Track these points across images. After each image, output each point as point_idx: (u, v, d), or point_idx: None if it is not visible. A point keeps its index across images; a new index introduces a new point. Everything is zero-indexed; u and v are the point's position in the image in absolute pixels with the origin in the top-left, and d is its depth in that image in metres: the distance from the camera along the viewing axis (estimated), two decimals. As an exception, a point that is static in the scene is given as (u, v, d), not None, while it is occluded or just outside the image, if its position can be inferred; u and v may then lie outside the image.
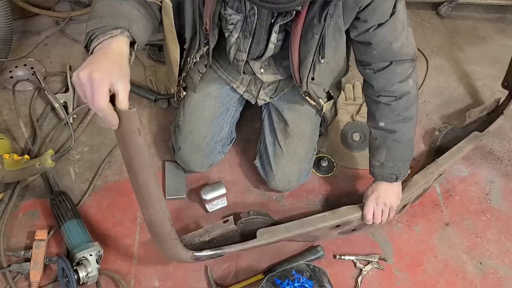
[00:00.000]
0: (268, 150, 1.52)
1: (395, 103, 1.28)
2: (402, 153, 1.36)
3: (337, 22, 1.16)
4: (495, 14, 2.27)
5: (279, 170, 1.49)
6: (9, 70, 1.81)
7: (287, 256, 1.47)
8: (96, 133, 1.70)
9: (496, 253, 1.53)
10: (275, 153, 1.50)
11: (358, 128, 1.74)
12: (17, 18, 1.89)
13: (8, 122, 1.68)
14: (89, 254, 1.32)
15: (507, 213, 1.62)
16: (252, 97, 1.51)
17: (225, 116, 1.54)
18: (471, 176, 1.70)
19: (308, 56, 1.22)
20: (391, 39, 1.20)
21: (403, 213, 1.54)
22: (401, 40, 1.21)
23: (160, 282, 1.41)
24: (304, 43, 1.20)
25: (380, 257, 1.48)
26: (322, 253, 1.46)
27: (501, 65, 2.05)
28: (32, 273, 1.32)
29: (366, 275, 1.45)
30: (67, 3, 2.04)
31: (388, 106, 1.29)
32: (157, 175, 0.86)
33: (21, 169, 1.45)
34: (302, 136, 1.49)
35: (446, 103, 1.91)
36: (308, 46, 1.20)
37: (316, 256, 1.45)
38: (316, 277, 1.30)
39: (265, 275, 1.37)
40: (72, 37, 1.96)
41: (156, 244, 1.24)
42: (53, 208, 1.43)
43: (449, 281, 1.47)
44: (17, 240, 1.43)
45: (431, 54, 2.07)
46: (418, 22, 2.20)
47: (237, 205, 1.57)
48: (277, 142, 1.50)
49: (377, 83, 1.28)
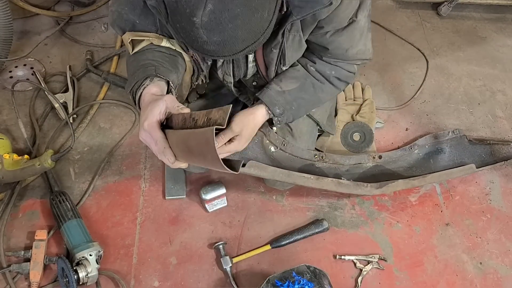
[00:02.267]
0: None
1: (339, 67, 1.28)
2: (307, 100, 1.31)
3: (296, 36, 1.18)
4: (495, 14, 2.27)
5: (278, 169, 1.48)
6: (9, 70, 1.81)
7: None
8: (96, 133, 1.70)
9: (496, 253, 1.53)
10: None
11: (358, 128, 1.74)
12: (17, 18, 1.89)
13: (8, 122, 1.68)
14: (89, 254, 1.32)
15: (507, 213, 1.62)
16: (249, 99, 1.51)
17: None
18: (471, 176, 1.70)
19: (271, 66, 1.26)
20: (347, 46, 1.22)
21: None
22: (358, 47, 1.24)
23: (160, 282, 1.41)
24: (265, 55, 1.23)
25: (380, 257, 1.48)
26: (327, 226, 1.48)
27: (501, 65, 2.05)
28: (32, 273, 1.32)
29: (366, 275, 1.45)
30: (67, 3, 2.04)
31: (332, 65, 1.28)
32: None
33: (21, 169, 1.45)
34: (300, 135, 1.49)
35: (446, 103, 1.91)
36: (269, 58, 1.24)
37: (321, 229, 1.47)
38: (316, 279, 1.30)
39: (271, 245, 1.46)
40: (72, 37, 1.96)
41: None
42: (53, 208, 1.43)
43: (449, 281, 1.47)
44: (17, 240, 1.43)
45: (431, 54, 2.07)
46: (418, 22, 2.20)
47: (237, 205, 1.57)
48: None
49: (319, 65, 1.29)
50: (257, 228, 1.53)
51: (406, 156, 1.66)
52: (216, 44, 0.94)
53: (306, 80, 1.30)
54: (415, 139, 1.71)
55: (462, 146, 1.67)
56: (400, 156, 1.65)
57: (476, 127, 1.84)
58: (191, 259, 1.46)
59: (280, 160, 1.47)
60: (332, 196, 1.61)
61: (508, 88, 1.97)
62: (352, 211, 1.59)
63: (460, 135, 1.68)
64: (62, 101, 1.70)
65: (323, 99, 1.36)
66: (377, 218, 1.58)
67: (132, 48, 1.19)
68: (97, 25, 2.01)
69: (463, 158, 1.65)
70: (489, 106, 1.91)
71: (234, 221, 1.54)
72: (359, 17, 1.17)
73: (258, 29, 0.96)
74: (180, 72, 1.23)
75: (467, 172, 1.59)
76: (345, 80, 1.33)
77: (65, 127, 1.67)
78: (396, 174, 1.62)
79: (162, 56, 1.18)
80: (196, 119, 0.99)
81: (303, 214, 1.56)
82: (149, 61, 1.15)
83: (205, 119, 0.98)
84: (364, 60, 1.30)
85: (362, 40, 1.23)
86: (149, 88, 1.08)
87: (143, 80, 1.10)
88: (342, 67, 1.29)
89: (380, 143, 1.76)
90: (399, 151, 1.66)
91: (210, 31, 0.91)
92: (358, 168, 1.60)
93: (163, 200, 1.56)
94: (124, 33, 1.19)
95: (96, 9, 2.01)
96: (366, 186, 1.48)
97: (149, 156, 1.65)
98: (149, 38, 1.18)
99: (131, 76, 1.14)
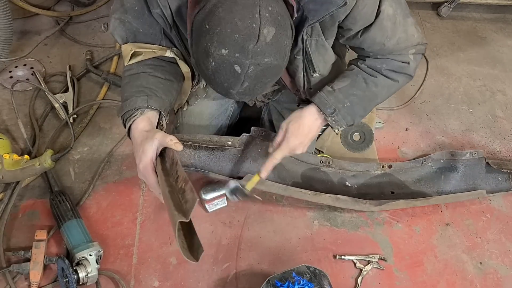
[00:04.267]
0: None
1: (390, 59, 1.22)
2: (360, 97, 1.25)
3: (318, 40, 1.17)
4: (495, 14, 2.27)
5: (279, 170, 1.48)
6: (9, 70, 1.81)
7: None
8: (96, 133, 1.70)
9: (496, 253, 1.53)
10: None
11: (358, 128, 1.74)
12: (17, 18, 1.89)
13: (8, 122, 1.68)
14: (88, 254, 1.32)
15: (507, 213, 1.62)
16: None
17: (223, 117, 1.54)
18: (471, 176, 1.70)
19: (297, 73, 1.25)
20: (383, 39, 1.17)
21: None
22: (396, 37, 1.18)
23: (160, 282, 1.41)
24: (289, 63, 1.17)
25: (380, 257, 1.48)
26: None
27: (501, 65, 2.05)
28: (32, 273, 1.32)
29: (366, 275, 1.45)
30: (67, 3, 2.04)
31: (381, 59, 1.23)
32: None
33: (21, 169, 1.45)
34: None
35: (446, 103, 1.91)
36: (293, 66, 1.22)
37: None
38: (316, 279, 1.30)
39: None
40: (72, 37, 1.96)
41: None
42: (53, 208, 1.43)
43: (449, 281, 1.47)
44: (17, 240, 1.43)
45: (431, 54, 2.07)
46: (418, 22, 2.17)
47: (237, 205, 1.57)
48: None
49: (369, 61, 1.25)
50: (257, 228, 1.53)
51: (417, 168, 1.60)
52: (245, 99, 1.08)
53: (357, 76, 1.25)
54: (416, 140, 1.70)
55: (478, 168, 1.58)
56: (411, 167, 1.60)
57: (476, 127, 1.84)
58: (191, 259, 1.46)
59: (284, 163, 1.47)
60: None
61: (508, 88, 1.98)
62: (352, 211, 1.59)
63: (479, 157, 1.58)
64: (62, 101, 1.70)
65: (379, 94, 1.28)
66: (377, 218, 1.58)
67: (129, 58, 1.18)
68: (97, 25, 2.01)
69: (476, 180, 1.58)
70: (489, 106, 1.91)
71: (234, 221, 1.54)
72: (383, 7, 1.12)
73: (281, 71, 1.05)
74: (173, 97, 1.25)
75: (476, 196, 1.53)
76: (402, 72, 1.24)
77: (65, 127, 1.67)
78: (403, 186, 1.58)
79: (157, 83, 1.19)
80: (177, 177, 1.06)
81: (303, 214, 1.56)
82: (142, 89, 1.16)
83: (182, 185, 1.03)
84: (416, 46, 1.22)
85: (399, 28, 1.17)
86: (137, 123, 1.13)
87: (135, 111, 1.13)
88: (394, 59, 1.22)
89: (380, 143, 1.76)
90: (411, 162, 1.61)
91: (243, 95, 1.02)
92: (365, 175, 1.57)
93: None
94: (125, 43, 1.18)
95: (96, 9, 2.01)
96: (365, 203, 1.44)
97: (149, 156, 1.65)
98: (152, 50, 1.18)
99: (124, 102, 1.17)
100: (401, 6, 1.17)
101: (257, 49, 0.92)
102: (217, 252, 1.47)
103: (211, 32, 0.92)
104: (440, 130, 1.83)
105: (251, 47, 0.91)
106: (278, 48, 0.95)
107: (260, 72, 0.95)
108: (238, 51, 0.91)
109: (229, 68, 0.93)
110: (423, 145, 1.77)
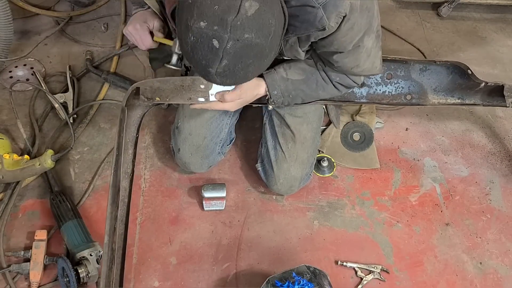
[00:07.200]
0: (270, 154, 1.51)
1: (345, 76, 1.31)
2: (306, 93, 1.34)
3: (293, 46, 1.19)
4: (495, 14, 2.27)
5: (281, 174, 1.48)
6: (9, 70, 1.81)
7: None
8: (96, 133, 1.70)
9: (496, 253, 1.53)
10: (277, 157, 1.50)
11: (358, 128, 1.74)
12: (17, 18, 1.89)
13: (8, 122, 1.68)
14: (89, 254, 1.32)
15: (507, 213, 1.62)
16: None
17: (224, 117, 1.54)
18: (471, 176, 1.70)
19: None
20: (353, 65, 1.23)
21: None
22: (364, 66, 1.24)
23: (160, 282, 1.41)
24: None
25: (383, 268, 1.46)
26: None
27: (501, 65, 2.05)
28: (32, 273, 1.32)
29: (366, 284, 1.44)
30: (67, 3, 2.04)
31: (338, 73, 1.31)
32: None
33: (21, 169, 1.45)
34: (304, 141, 1.49)
35: (446, 103, 1.91)
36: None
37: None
38: (316, 279, 1.30)
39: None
40: (72, 37, 1.95)
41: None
42: (53, 208, 1.43)
43: (449, 281, 1.47)
44: (17, 240, 1.43)
45: (431, 54, 2.07)
46: (418, 22, 2.20)
47: (237, 205, 1.57)
48: (279, 146, 1.50)
49: (327, 69, 1.31)
50: (257, 228, 1.53)
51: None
52: (227, 83, 1.02)
53: (312, 76, 1.32)
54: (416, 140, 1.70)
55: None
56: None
57: (476, 127, 1.84)
58: (191, 259, 1.46)
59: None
60: (333, 196, 1.62)
61: (508, 88, 1.97)
62: (352, 211, 1.59)
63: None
64: (62, 101, 1.70)
65: (321, 97, 1.40)
66: (377, 218, 1.58)
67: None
68: (97, 25, 2.01)
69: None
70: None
71: (234, 221, 1.54)
72: (365, 42, 1.16)
73: (266, 66, 1.04)
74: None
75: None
76: (349, 87, 1.35)
77: (65, 127, 1.67)
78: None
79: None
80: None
81: (303, 214, 1.56)
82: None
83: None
84: (372, 74, 1.32)
85: (370, 60, 1.23)
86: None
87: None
88: (349, 77, 1.31)
89: (380, 143, 1.76)
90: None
91: (224, 77, 0.97)
92: None
93: (163, 200, 1.56)
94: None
95: (96, 9, 2.00)
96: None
97: (149, 156, 1.65)
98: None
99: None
100: (379, 38, 1.22)
101: (237, 23, 0.89)
102: (217, 252, 1.47)
103: (193, 5, 0.90)
104: (440, 130, 1.83)
105: (230, 19, 0.88)
106: (260, 25, 0.92)
107: (240, 50, 0.91)
108: (216, 24, 0.89)
109: (207, 43, 0.90)
110: (423, 145, 1.77)
